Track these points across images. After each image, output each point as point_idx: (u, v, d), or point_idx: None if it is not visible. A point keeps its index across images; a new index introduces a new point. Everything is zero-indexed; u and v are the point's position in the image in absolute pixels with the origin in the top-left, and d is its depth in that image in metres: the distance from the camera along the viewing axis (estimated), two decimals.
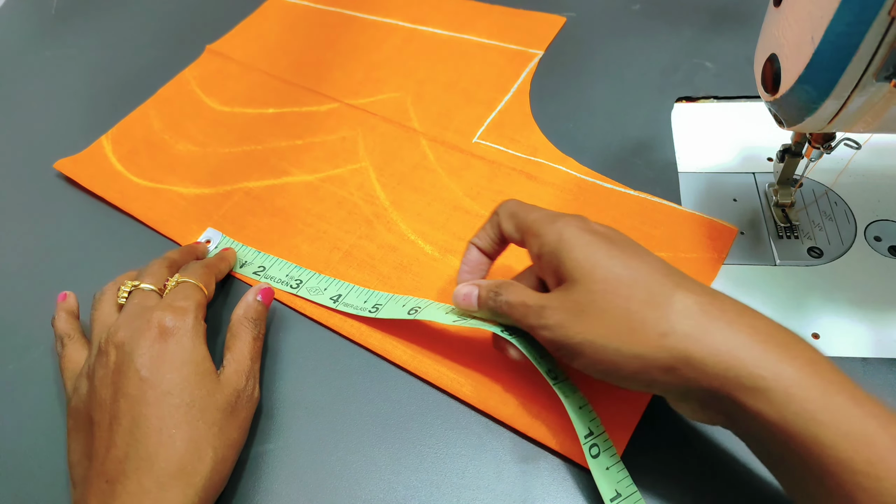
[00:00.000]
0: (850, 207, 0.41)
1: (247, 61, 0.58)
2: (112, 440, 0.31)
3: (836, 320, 0.37)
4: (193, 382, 0.33)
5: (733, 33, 0.53)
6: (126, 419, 0.31)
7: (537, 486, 0.33)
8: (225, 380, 0.34)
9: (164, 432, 0.31)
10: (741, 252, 0.40)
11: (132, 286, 0.37)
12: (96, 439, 0.32)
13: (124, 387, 0.32)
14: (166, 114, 0.55)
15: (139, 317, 0.34)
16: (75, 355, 0.37)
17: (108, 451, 0.31)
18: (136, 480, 0.30)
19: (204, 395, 0.33)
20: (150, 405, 0.31)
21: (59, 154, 0.52)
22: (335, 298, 0.40)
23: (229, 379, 0.34)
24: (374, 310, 0.39)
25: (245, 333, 0.37)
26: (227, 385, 0.34)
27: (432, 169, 0.47)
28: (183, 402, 0.32)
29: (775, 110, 0.32)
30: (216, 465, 0.32)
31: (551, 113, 0.50)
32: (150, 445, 0.31)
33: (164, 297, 0.36)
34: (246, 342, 0.36)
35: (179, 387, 0.32)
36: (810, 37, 0.27)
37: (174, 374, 0.32)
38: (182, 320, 0.34)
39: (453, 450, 0.35)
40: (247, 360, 0.36)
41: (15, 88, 0.61)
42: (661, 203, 0.43)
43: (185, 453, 0.31)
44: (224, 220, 0.46)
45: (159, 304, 0.35)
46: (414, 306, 0.37)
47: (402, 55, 0.57)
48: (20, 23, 0.68)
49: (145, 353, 0.32)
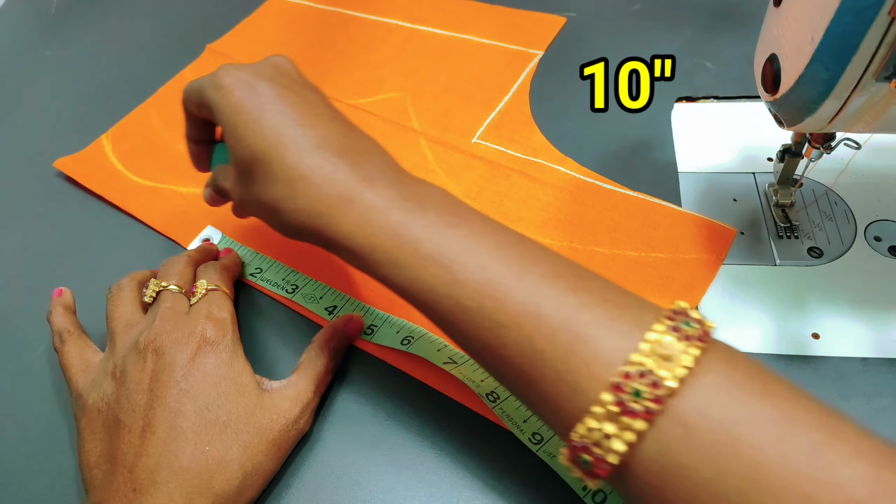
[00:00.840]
0: (850, 207, 0.41)
1: (247, 60, 0.58)
2: (144, 448, 0.30)
3: (836, 320, 0.37)
4: (232, 399, 0.32)
5: (733, 33, 0.53)
6: (162, 429, 0.31)
7: (537, 485, 0.33)
8: (274, 404, 0.33)
9: (199, 448, 0.30)
10: (741, 252, 0.40)
11: (159, 286, 0.36)
12: (123, 443, 0.31)
13: (162, 395, 0.31)
14: (167, 113, 0.55)
15: (178, 325, 0.34)
16: (78, 350, 0.36)
17: (139, 458, 0.30)
18: (166, 493, 0.29)
19: (242, 415, 0.32)
20: (187, 418, 0.31)
21: (59, 153, 0.52)
22: (330, 309, 0.40)
23: (280, 406, 0.33)
24: (370, 331, 0.39)
25: (318, 363, 0.35)
26: (276, 411, 0.33)
27: (431, 169, 0.47)
28: (219, 419, 0.31)
29: (775, 110, 0.32)
30: (242, 488, 0.31)
31: (551, 113, 0.50)
32: (184, 459, 0.30)
33: (199, 305, 0.35)
34: (317, 371, 0.35)
35: (217, 403, 0.32)
36: (810, 37, 0.27)
37: (213, 388, 0.32)
38: (222, 333, 0.34)
39: (453, 450, 0.35)
40: (309, 391, 0.34)
41: (15, 88, 0.61)
42: (660, 204, 0.43)
43: (216, 472, 0.30)
44: (223, 220, 0.46)
45: (198, 313, 0.35)
46: (407, 335, 0.38)
47: (402, 55, 0.57)
48: (20, 23, 0.68)
49: (185, 365, 0.32)
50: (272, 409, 0.33)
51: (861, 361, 0.35)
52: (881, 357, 0.35)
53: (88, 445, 0.32)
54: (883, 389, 0.34)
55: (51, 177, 0.52)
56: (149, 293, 0.36)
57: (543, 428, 0.33)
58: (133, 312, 0.36)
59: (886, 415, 0.33)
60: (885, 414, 0.33)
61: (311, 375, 0.35)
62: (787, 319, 0.37)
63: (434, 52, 0.56)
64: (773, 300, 0.38)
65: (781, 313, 0.37)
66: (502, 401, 0.34)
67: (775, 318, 0.37)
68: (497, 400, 0.34)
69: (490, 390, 0.34)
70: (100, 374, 0.34)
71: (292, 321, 0.41)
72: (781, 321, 0.37)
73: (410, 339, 0.37)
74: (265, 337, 0.40)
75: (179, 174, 0.50)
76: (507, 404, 0.34)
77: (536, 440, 0.33)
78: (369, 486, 0.34)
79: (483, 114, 0.51)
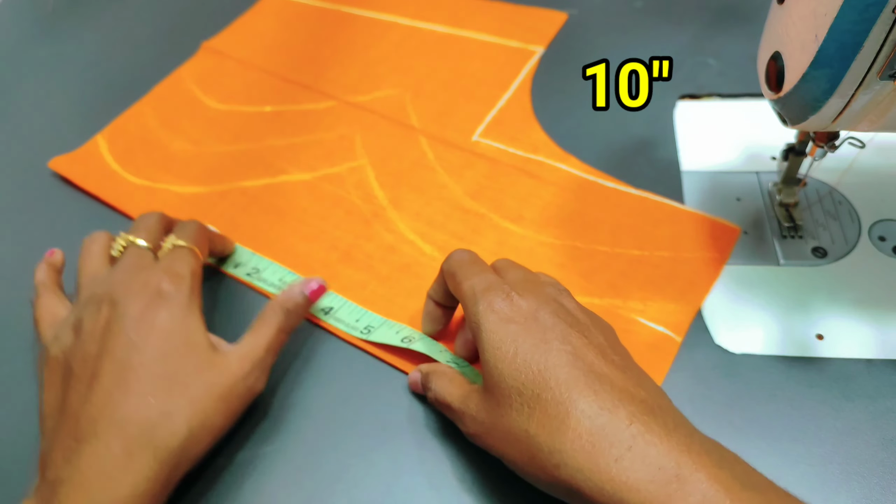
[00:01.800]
0: (854, 207, 0.41)
1: (243, 58, 0.58)
2: (88, 397, 0.30)
3: (841, 321, 0.36)
4: (181, 353, 0.32)
5: (737, 31, 0.53)
6: (107, 379, 0.30)
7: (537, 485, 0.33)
8: (226, 361, 0.33)
9: (142, 399, 0.30)
10: (744, 252, 0.40)
11: (127, 240, 0.37)
12: (72, 391, 0.31)
13: (111, 346, 0.31)
14: (162, 112, 0.54)
15: (135, 277, 0.34)
16: (51, 305, 0.36)
17: (83, 407, 0.30)
18: (104, 442, 0.29)
19: (190, 371, 0.32)
20: (133, 369, 0.31)
21: (55, 151, 0.52)
22: (326, 310, 0.40)
23: (231, 362, 0.33)
24: (366, 331, 0.38)
25: (272, 321, 0.35)
26: (226, 367, 0.33)
27: (431, 167, 0.47)
28: (166, 372, 0.31)
29: (779, 109, 0.31)
30: (188, 442, 0.30)
31: (552, 110, 0.50)
32: (127, 410, 0.30)
33: (161, 260, 0.35)
34: (269, 330, 0.35)
35: (165, 356, 0.31)
36: (814, 35, 0.27)
37: (163, 342, 0.32)
38: (178, 287, 0.33)
39: (453, 452, 0.34)
40: (261, 349, 0.34)
41: (11, 86, 0.61)
42: (662, 202, 0.43)
43: (158, 424, 0.30)
44: (220, 220, 0.46)
45: (156, 266, 0.34)
46: (408, 335, 0.37)
47: (401, 52, 0.56)
48: (17, 21, 0.68)
49: (137, 317, 0.32)
50: (222, 365, 0.32)
51: (865, 363, 0.35)
52: (886, 358, 0.35)
53: (46, 396, 0.32)
54: (887, 391, 0.34)
55: (46, 176, 0.51)
56: (116, 247, 0.37)
57: None
58: (100, 266, 0.36)
59: (891, 416, 0.33)
60: (890, 415, 0.33)
61: (263, 333, 0.34)
62: (791, 320, 0.37)
63: (433, 49, 0.56)
64: (777, 301, 0.38)
65: (785, 314, 0.37)
66: None
67: (779, 318, 0.37)
68: None
69: None
70: (63, 325, 0.34)
71: None
72: (785, 322, 0.37)
73: (411, 339, 0.37)
74: None
75: (175, 173, 0.49)
76: None
77: None
78: (368, 488, 0.33)
79: (483, 111, 0.50)
